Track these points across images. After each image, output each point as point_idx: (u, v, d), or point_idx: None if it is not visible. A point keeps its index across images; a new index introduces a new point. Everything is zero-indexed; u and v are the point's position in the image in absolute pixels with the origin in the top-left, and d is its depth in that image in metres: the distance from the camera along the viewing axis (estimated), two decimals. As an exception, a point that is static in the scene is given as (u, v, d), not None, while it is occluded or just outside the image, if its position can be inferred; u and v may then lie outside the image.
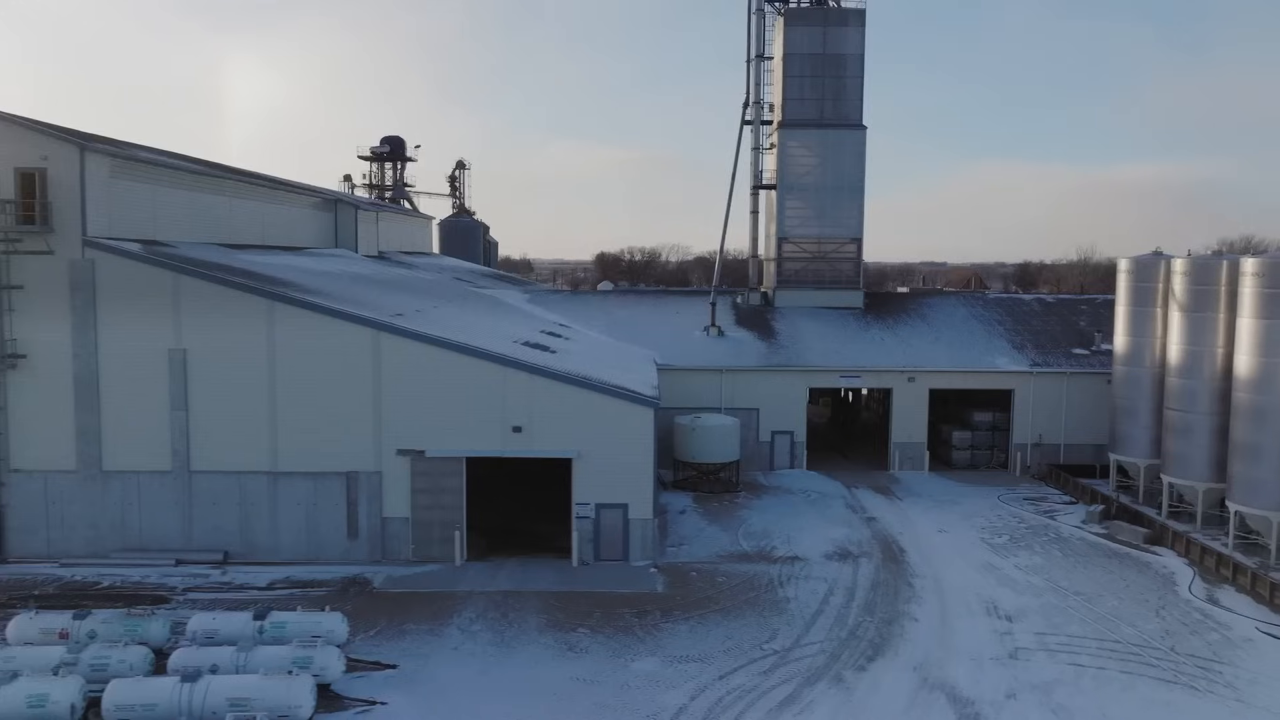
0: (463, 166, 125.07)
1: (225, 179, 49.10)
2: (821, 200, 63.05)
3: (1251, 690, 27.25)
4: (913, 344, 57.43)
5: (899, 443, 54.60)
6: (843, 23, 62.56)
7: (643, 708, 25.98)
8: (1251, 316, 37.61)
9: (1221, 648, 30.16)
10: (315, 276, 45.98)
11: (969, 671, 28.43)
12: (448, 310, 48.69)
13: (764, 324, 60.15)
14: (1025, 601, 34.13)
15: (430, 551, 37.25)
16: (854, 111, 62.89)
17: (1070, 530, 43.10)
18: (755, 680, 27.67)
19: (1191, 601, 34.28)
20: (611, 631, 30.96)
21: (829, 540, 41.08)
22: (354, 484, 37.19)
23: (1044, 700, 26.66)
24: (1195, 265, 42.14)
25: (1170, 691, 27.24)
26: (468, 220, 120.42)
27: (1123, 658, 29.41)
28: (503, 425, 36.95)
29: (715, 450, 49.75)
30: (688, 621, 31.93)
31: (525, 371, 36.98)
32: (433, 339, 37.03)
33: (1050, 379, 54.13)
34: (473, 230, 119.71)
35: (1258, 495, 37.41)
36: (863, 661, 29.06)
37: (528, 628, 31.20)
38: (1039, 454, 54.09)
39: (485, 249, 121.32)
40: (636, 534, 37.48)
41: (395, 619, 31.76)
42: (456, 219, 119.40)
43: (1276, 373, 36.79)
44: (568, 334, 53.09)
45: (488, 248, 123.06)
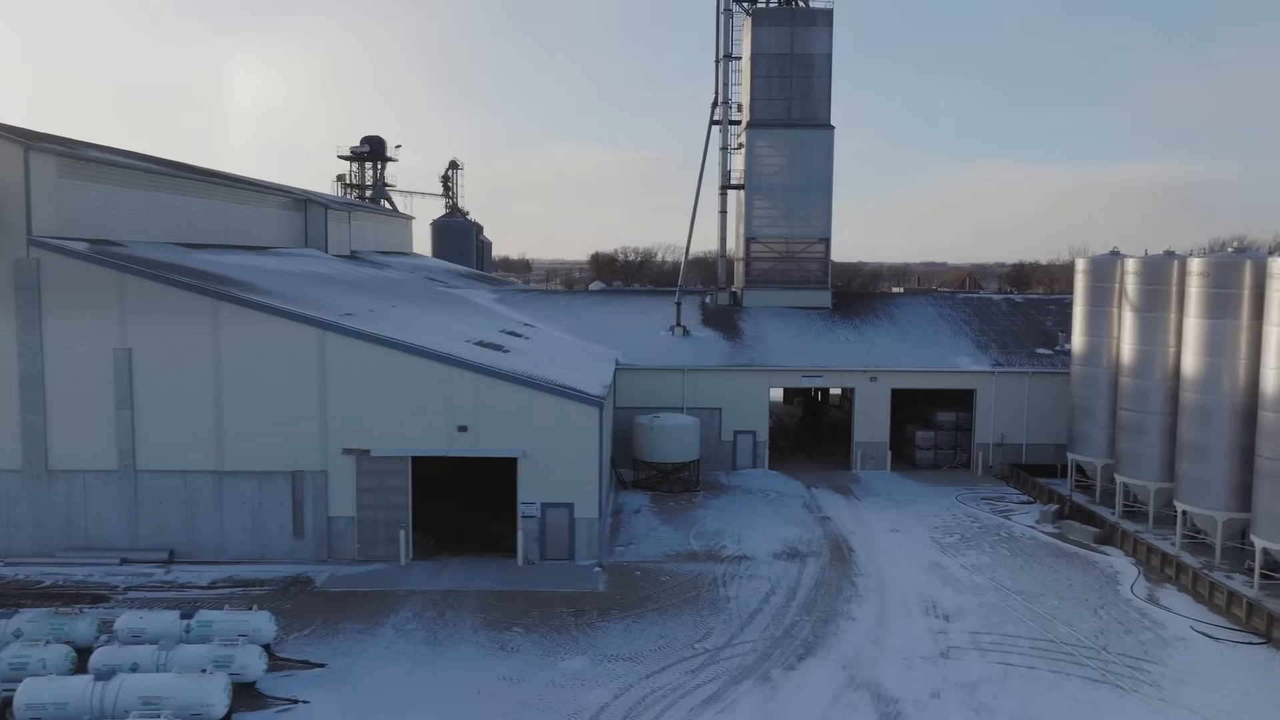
0: (455, 167, 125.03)
1: (184, 178, 49.09)
2: (790, 200, 63.09)
3: (1176, 689, 27.27)
4: (878, 344, 57.46)
5: (861, 442, 54.61)
6: (810, 23, 62.61)
7: (565, 706, 26.00)
8: (1197, 316, 37.63)
9: (1154, 647, 30.18)
10: (272, 276, 45.99)
11: (898, 670, 28.45)
12: (407, 310, 48.71)
13: (730, 324, 60.19)
14: (966, 600, 34.15)
15: (376, 551, 37.28)
16: (822, 111, 62.93)
17: (1023, 530, 43.13)
18: (682, 679, 27.68)
19: (1131, 601, 34.30)
20: (546, 631, 30.98)
21: (780, 540, 41.09)
22: (299, 483, 37.20)
23: (968, 699, 26.68)
24: (1146, 265, 42.17)
25: (1096, 690, 27.26)
26: (460, 220, 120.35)
27: (1054, 657, 29.43)
28: (448, 424, 36.98)
29: (674, 450, 49.78)
30: (624, 620, 31.95)
31: (470, 371, 37.00)
32: (378, 338, 37.05)
33: (1012, 379, 54.16)
34: (465, 230, 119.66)
35: (1204, 495, 37.41)
36: (793, 660, 29.09)
37: (462, 627, 31.22)
38: (1001, 454, 54.13)
39: (478, 249, 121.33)
40: (582, 533, 37.49)
41: (331, 618, 31.78)
42: (449, 219, 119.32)
43: (1221, 372, 36.81)
44: (529, 334, 53.12)
45: (481, 248, 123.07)
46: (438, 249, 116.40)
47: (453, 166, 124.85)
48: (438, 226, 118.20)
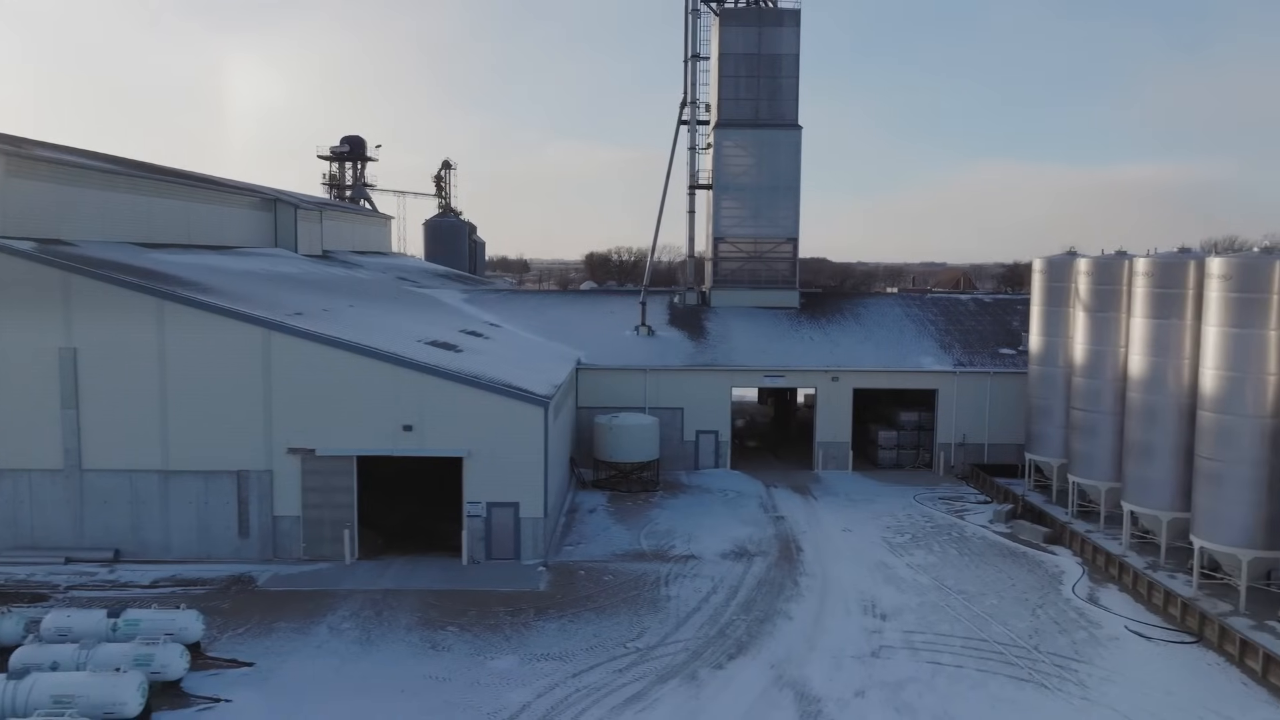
0: (448, 167, 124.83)
1: (142, 178, 49.11)
2: (758, 200, 63.12)
3: (1101, 688, 27.31)
4: (841, 344, 57.49)
5: (823, 442, 54.65)
6: (778, 23, 62.64)
7: (486, 705, 26.03)
8: (1143, 316, 37.68)
9: (1086, 646, 30.22)
10: (229, 276, 46.01)
11: (825, 670, 28.49)
12: (365, 310, 48.73)
13: (696, 324, 60.22)
14: (906, 600, 34.19)
15: (321, 550, 37.31)
16: (789, 111, 62.97)
17: (975, 529, 43.17)
18: (608, 678, 27.72)
19: (1071, 600, 34.34)
20: (480, 630, 31.01)
21: (730, 539, 41.12)
22: (245, 483, 37.23)
23: (891, 698, 26.72)
24: (1098, 265, 42.22)
25: (1020, 690, 27.30)
26: (453, 220, 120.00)
27: (984, 656, 29.47)
28: (394, 424, 37.00)
29: (634, 449, 49.82)
30: (560, 620, 31.98)
31: (415, 370, 37.03)
32: (323, 338, 37.08)
33: (974, 379, 54.20)
34: (458, 230, 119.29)
35: (1149, 495, 37.46)
36: (722, 659, 29.12)
37: (397, 626, 31.25)
38: (963, 454, 54.18)
39: (471, 249, 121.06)
40: (528, 532, 37.53)
41: (268, 617, 31.81)
42: (442, 219, 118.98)
43: (1166, 372, 36.86)
44: (490, 334, 53.15)
45: (474, 248, 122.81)
46: (430, 249, 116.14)
47: (445, 167, 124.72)
48: (430, 227, 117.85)
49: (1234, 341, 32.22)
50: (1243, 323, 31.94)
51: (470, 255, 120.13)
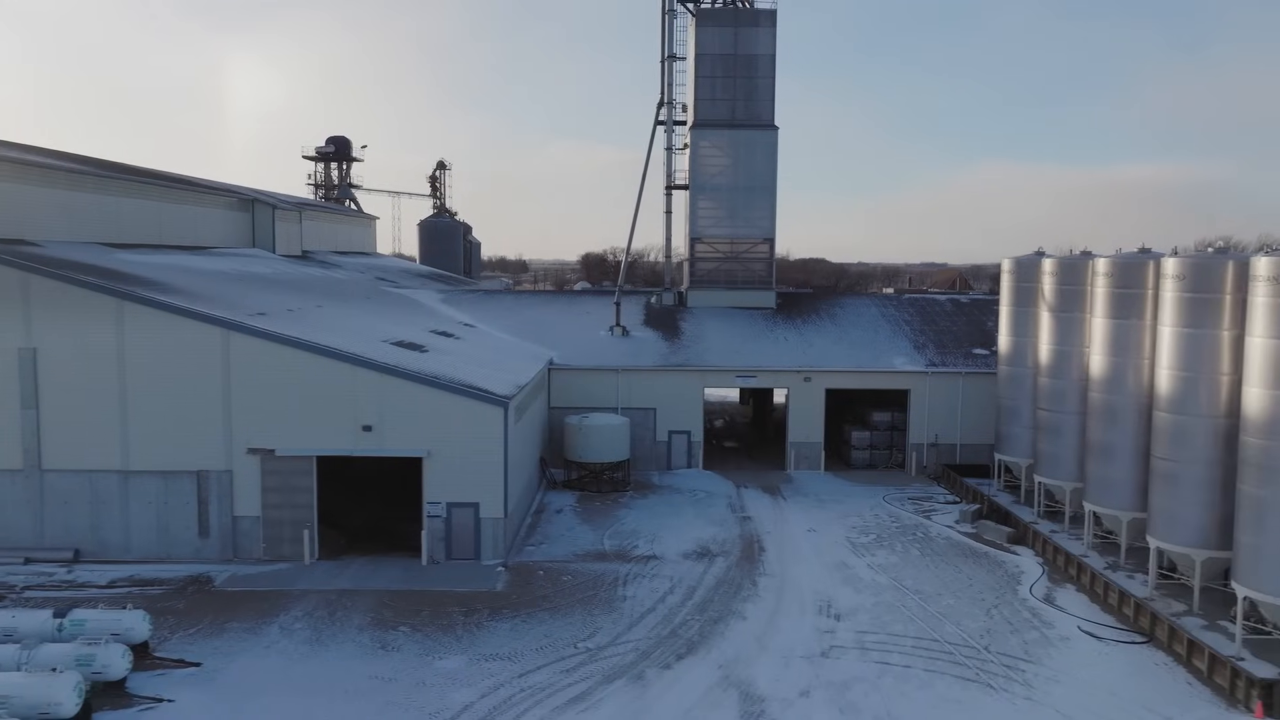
0: (443, 167, 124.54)
1: (110, 178, 49.11)
2: (734, 200, 63.13)
3: (1046, 689, 27.30)
4: (816, 344, 57.50)
5: (796, 442, 54.65)
6: (754, 23, 62.64)
7: (429, 706, 26.02)
8: (1104, 316, 37.67)
9: (1036, 646, 30.22)
10: (197, 277, 46.00)
11: (773, 670, 28.48)
12: (334, 310, 48.71)
13: (671, 324, 60.23)
14: (862, 600, 34.19)
15: (281, 550, 37.31)
16: (766, 112, 62.99)
17: (940, 530, 43.17)
18: (554, 678, 27.71)
19: (1028, 601, 34.34)
20: (431, 630, 31.00)
21: (694, 540, 41.12)
22: (205, 483, 37.23)
23: (835, 698, 26.71)
24: (1062, 265, 42.22)
25: (965, 690, 27.30)
26: (447, 221, 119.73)
27: (934, 656, 29.46)
28: (354, 424, 37.01)
29: (604, 450, 49.81)
30: (513, 620, 31.98)
31: (376, 370, 37.02)
32: (283, 338, 37.08)
33: (946, 379, 54.20)
34: (452, 230, 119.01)
35: (1110, 495, 37.42)
36: (671, 659, 29.11)
37: (349, 626, 31.24)
38: (935, 454, 54.16)
39: (466, 249, 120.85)
40: (488, 533, 37.52)
41: (221, 617, 31.80)
42: (436, 219, 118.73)
43: (1126, 373, 36.83)
44: (462, 334, 53.15)
45: (469, 248, 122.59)
46: (425, 249, 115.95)
47: (440, 167, 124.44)
48: (425, 227, 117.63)
49: (1187, 342, 32.19)
50: (1196, 323, 31.91)
51: (465, 255, 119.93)
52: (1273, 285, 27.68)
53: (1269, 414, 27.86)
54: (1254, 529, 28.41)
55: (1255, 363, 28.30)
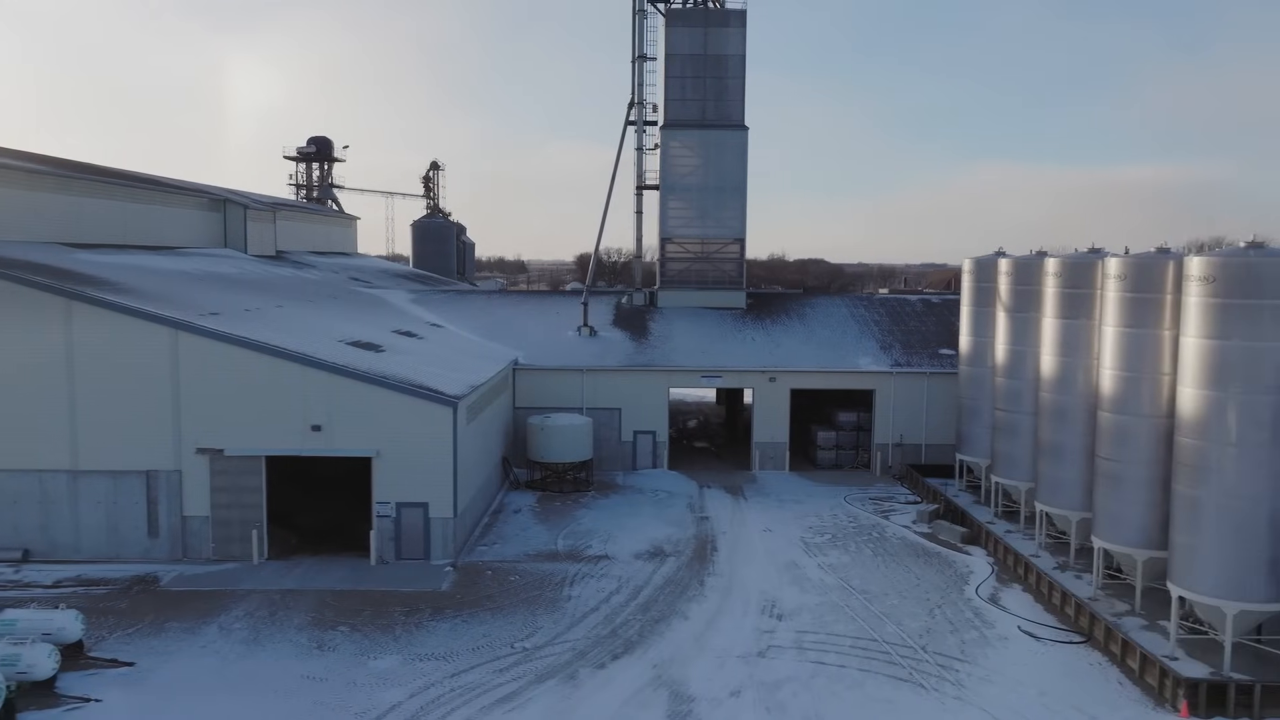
0: (436, 167, 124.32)
1: (72, 178, 49.10)
2: (704, 201, 63.10)
3: (978, 688, 27.29)
4: (783, 344, 57.49)
5: (761, 442, 54.64)
6: (723, 24, 62.64)
7: (356, 705, 26.00)
8: (1053, 316, 37.66)
9: (973, 646, 30.21)
10: (156, 277, 45.97)
11: (708, 670, 28.46)
12: (295, 310, 48.67)
13: (640, 324, 60.22)
14: (807, 600, 34.17)
15: (231, 550, 37.30)
16: (736, 112, 62.98)
17: (896, 530, 43.16)
18: (486, 678, 27.70)
19: (972, 601, 34.33)
20: (370, 630, 30.99)
21: (648, 540, 41.10)
22: (154, 483, 37.23)
23: (765, 698, 26.69)
24: (1017, 265, 42.25)
25: (897, 690, 27.29)
26: (440, 221, 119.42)
27: (870, 656, 29.45)
28: (303, 424, 37.00)
29: (566, 450, 49.81)
30: (454, 620, 31.96)
31: (325, 370, 37.02)
32: (231, 338, 37.07)
33: (911, 379, 54.20)
34: (446, 231, 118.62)
35: (1060, 495, 37.35)
36: (606, 659, 29.09)
37: (288, 626, 31.22)
38: (900, 454, 54.15)
39: (459, 250, 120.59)
40: (438, 533, 37.51)
41: (161, 617, 31.79)
42: (430, 220, 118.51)
43: (1075, 373, 36.81)
44: (427, 334, 53.13)
45: (462, 248, 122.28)
46: (418, 249, 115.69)
47: (434, 167, 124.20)
48: (418, 228, 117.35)
49: (1129, 341, 32.16)
50: (1137, 323, 31.87)
51: (459, 256, 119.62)
52: (1205, 285, 27.67)
53: (1201, 414, 27.86)
54: (1187, 529, 28.40)
55: (1188, 362, 28.28)
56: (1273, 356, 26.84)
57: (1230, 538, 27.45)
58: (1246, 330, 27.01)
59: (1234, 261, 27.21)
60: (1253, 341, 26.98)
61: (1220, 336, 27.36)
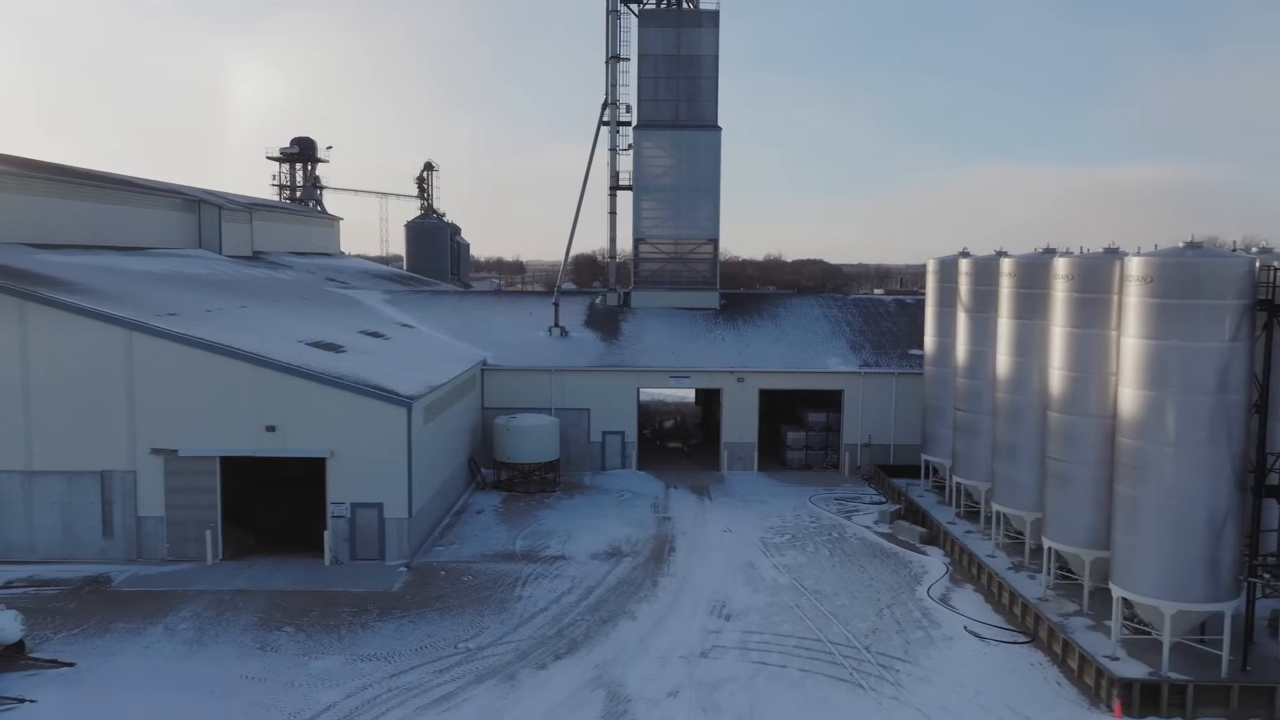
0: (431, 168, 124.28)
1: (36, 178, 49.07)
2: (678, 201, 63.13)
3: (915, 688, 27.29)
4: (753, 344, 57.50)
5: (729, 443, 54.64)
6: (696, 24, 62.67)
7: (291, 706, 25.99)
8: (1008, 316, 37.68)
9: (917, 646, 30.20)
10: (119, 277, 45.95)
11: (649, 670, 28.45)
12: (259, 311, 48.62)
13: (612, 325, 60.22)
14: (758, 600, 34.17)
15: (186, 550, 37.29)
16: (709, 112, 63.02)
17: (857, 530, 43.15)
18: (425, 679, 27.68)
19: (922, 601, 34.33)
20: (316, 631, 30.97)
21: (607, 540, 41.09)
22: (109, 483, 37.22)
23: (702, 699, 26.68)
24: (976, 265, 42.24)
25: (835, 690, 27.28)
26: (434, 221, 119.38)
27: (813, 657, 29.45)
28: (257, 424, 37.00)
29: (532, 450, 49.81)
30: (400, 620, 31.95)
31: (278, 371, 37.01)
32: (185, 338, 37.06)
33: (879, 379, 54.20)
34: (439, 231, 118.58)
35: (1016, 495, 37.34)
36: (548, 659, 29.09)
37: (234, 627, 31.21)
38: (869, 454, 54.14)
39: (454, 250, 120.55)
40: (392, 533, 37.51)
41: (109, 617, 31.77)
42: (424, 220, 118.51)
43: (1030, 373, 36.81)
44: (395, 334, 53.12)
45: (457, 249, 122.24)
46: (412, 250, 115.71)
47: (428, 168, 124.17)
48: (412, 228, 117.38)
49: (1077, 342, 32.11)
50: (1085, 323, 31.82)
51: (453, 256, 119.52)
52: (1143, 285, 27.66)
53: (1140, 414, 27.85)
54: (1128, 529, 28.40)
55: (1128, 363, 28.27)
56: (1210, 357, 26.85)
57: (1168, 538, 27.44)
58: (1184, 330, 27.00)
59: (1171, 262, 27.20)
60: (1190, 342, 26.96)
61: (1158, 337, 27.34)
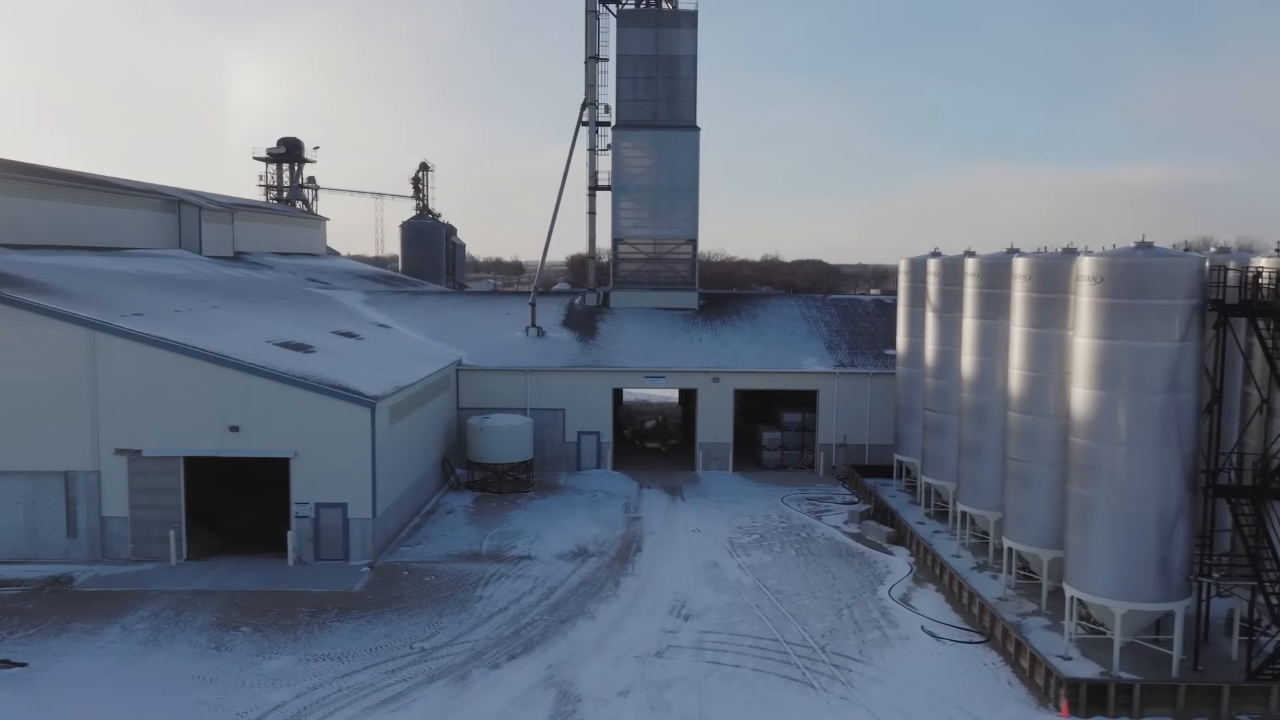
0: (426, 168, 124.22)
1: (8, 179, 49.05)
2: (656, 201, 63.17)
3: (866, 688, 27.28)
4: (731, 344, 57.50)
5: (705, 443, 54.65)
6: (675, 24, 62.71)
7: (239, 705, 25.98)
8: (972, 316, 37.70)
9: (873, 646, 30.19)
10: (89, 278, 45.93)
11: (602, 670, 28.44)
12: (231, 311, 48.59)
13: (590, 325, 60.23)
14: (718, 600, 34.16)
15: (149, 551, 37.29)
16: (688, 112, 63.05)
17: (826, 530, 43.15)
18: (377, 679, 27.67)
19: (883, 601, 34.32)
20: (272, 631, 30.96)
21: (575, 540, 41.08)
22: (72, 483, 37.22)
23: (652, 698, 26.68)
24: (944, 266, 42.27)
25: (785, 690, 27.27)
26: (430, 222, 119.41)
27: (767, 656, 29.44)
28: (221, 425, 37.01)
29: (505, 450, 49.81)
30: (358, 620, 31.94)
31: (242, 371, 37.01)
32: (149, 339, 37.06)
33: (854, 379, 54.20)
34: (435, 232, 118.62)
35: (980, 495, 37.37)
36: (502, 659, 29.08)
37: (191, 627, 31.20)
38: (844, 454, 54.14)
39: (449, 250, 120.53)
40: (357, 533, 37.51)
41: (66, 618, 31.75)
42: (419, 220, 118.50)
43: (993, 373, 36.81)
44: (369, 334, 53.12)
45: (452, 249, 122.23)
46: (407, 250, 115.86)
47: (423, 168, 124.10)
48: (407, 229, 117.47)
49: (1035, 342, 32.13)
50: (1042, 323, 31.83)
51: (449, 257, 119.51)
52: (1094, 285, 27.67)
53: (1092, 414, 27.86)
54: (1080, 529, 28.41)
55: (1080, 363, 28.28)
56: (1160, 357, 26.87)
57: (1119, 537, 27.46)
58: (1134, 330, 27.01)
59: (1121, 262, 27.22)
60: (1140, 342, 26.99)
61: (1109, 336, 27.35)
